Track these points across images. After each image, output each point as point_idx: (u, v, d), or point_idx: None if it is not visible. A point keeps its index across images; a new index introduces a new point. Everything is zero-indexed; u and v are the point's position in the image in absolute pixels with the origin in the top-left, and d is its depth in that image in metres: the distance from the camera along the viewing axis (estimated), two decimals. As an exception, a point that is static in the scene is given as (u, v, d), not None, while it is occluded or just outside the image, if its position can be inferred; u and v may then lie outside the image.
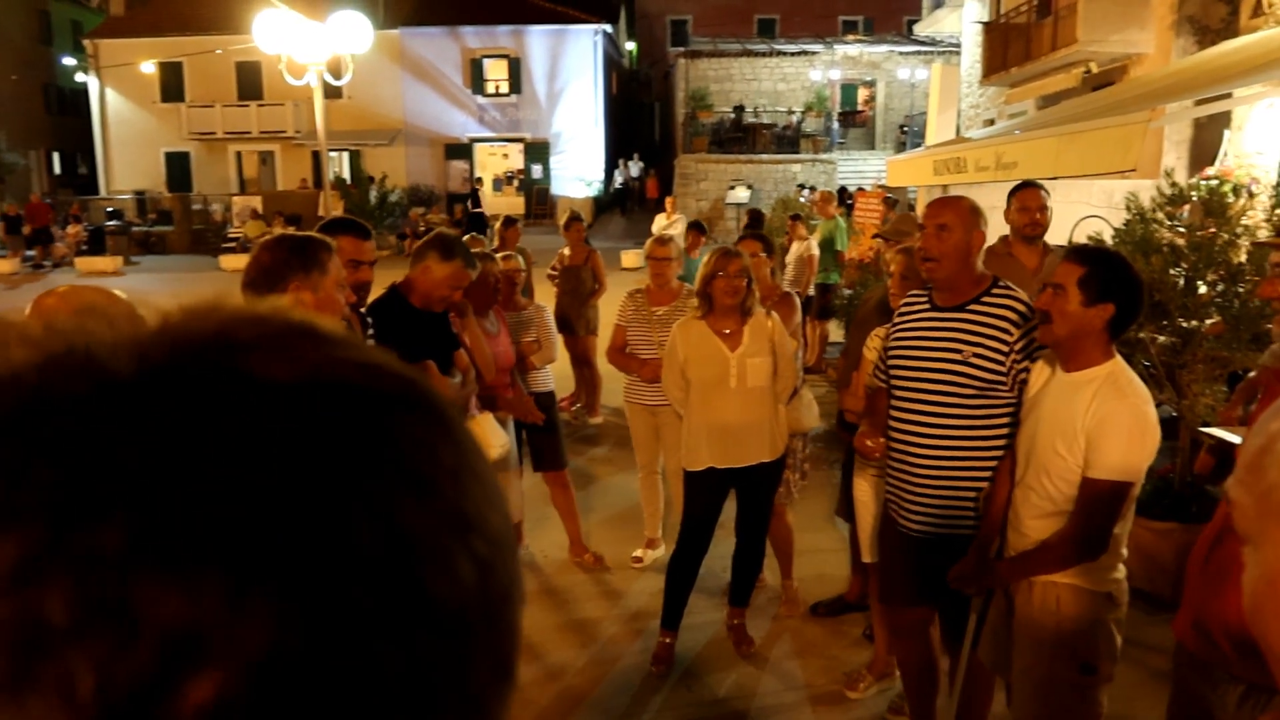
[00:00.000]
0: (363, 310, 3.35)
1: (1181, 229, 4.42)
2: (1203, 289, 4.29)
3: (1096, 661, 2.66)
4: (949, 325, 3.06)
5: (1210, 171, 9.48)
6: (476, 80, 31.28)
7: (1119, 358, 2.66)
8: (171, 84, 30.94)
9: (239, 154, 32.09)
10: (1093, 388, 2.59)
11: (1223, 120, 11.21)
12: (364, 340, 0.42)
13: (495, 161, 32.16)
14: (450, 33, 30.84)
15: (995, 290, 3.07)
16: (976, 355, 2.98)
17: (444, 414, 0.40)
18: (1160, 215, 4.57)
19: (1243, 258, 4.26)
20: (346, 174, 29.42)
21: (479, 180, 29.02)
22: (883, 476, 3.42)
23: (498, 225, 8.54)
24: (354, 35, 9.23)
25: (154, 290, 16.06)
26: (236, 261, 21.86)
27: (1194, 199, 4.64)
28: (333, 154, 27.57)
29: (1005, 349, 2.97)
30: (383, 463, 0.36)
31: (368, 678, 0.33)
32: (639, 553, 5.31)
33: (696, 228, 9.72)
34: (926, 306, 3.18)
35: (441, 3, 31.03)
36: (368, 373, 0.38)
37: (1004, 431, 3.00)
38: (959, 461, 3.04)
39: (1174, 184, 4.66)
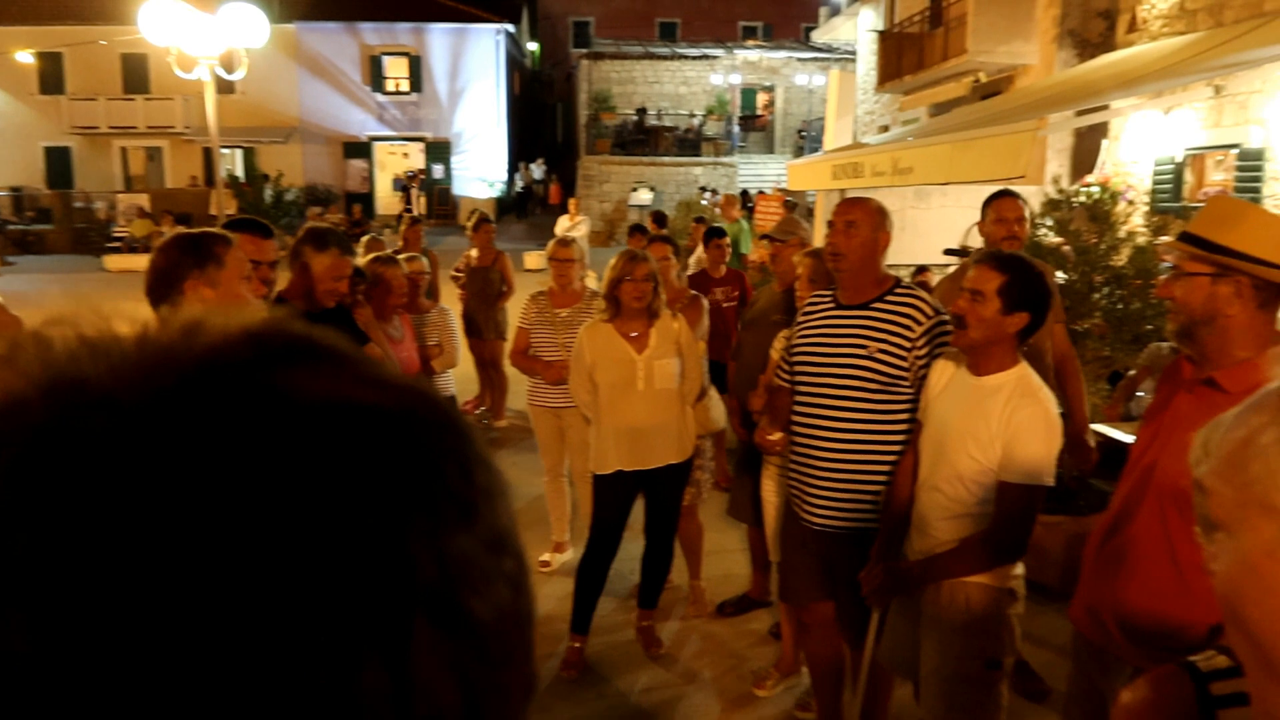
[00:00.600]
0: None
1: (1065, 235, 4.62)
2: (1091, 292, 4.50)
3: (1001, 656, 2.73)
4: (853, 322, 3.14)
5: (1090, 179, 9.94)
6: (376, 78, 30.70)
7: (1024, 362, 2.73)
8: (51, 75, 29.46)
9: (124, 150, 30.74)
10: (1005, 393, 2.64)
11: (1101, 130, 11.76)
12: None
13: (395, 161, 31.59)
14: (349, 29, 30.19)
15: (898, 289, 3.17)
16: (881, 351, 3.06)
17: (470, 432, 0.39)
18: (1049, 221, 4.76)
19: (1124, 261, 4.47)
20: (240, 172, 28.47)
21: (414, 176, 28.34)
22: (785, 474, 3.47)
23: (403, 226, 8.39)
24: (248, 28, 8.94)
25: (32, 292, 15.27)
26: (122, 262, 20.93)
27: (1078, 205, 4.85)
28: (225, 151, 26.65)
29: (908, 345, 3.05)
30: (431, 489, 0.35)
31: (429, 710, 0.32)
32: (546, 557, 5.28)
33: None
34: (831, 305, 3.25)
35: (339, -2, 30.38)
36: (396, 394, 0.37)
37: (904, 427, 3.08)
38: (862, 456, 3.12)
39: (1060, 190, 4.86)
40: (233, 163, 28.90)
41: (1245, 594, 0.63)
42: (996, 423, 2.62)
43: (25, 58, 26.49)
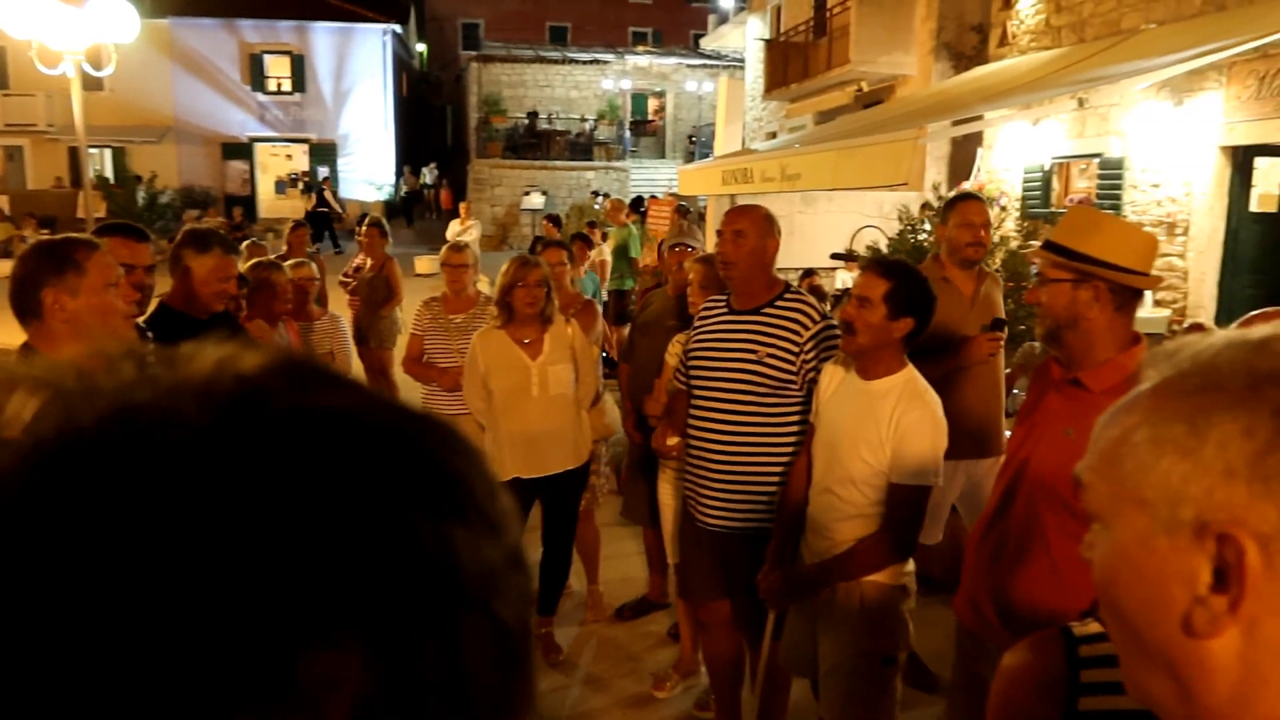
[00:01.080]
0: (141, 324, 3.12)
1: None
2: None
3: (897, 652, 2.83)
4: (745, 327, 3.22)
5: (966, 185, 10.35)
6: (256, 77, 29.72)
7: (910, 365, 2.83)
8: (-104, 68, 27.63)
9: (-19, 148, 29.04)
10: (893, 397, 2.73)
11: (976, 139, 12.27)
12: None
13: (278, 162, 30.64)
14: (226, 25, 29.14)
15: (788, 295, 3.26)
16: (770, 355, 3.15)
17: (475, 448, 0.41)
18: (928, 225, 4.94)
19: (998, 264, 4.67)
20: (110, 173, 27.17)
21: (326, 179, 27.55)
22: (681, 476, 3.52)
23: (286, 230, 8.15)
24: (117, 23, 8.56)
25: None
26: (17, 256, 19.67)
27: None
28: (93, 151, 25.42)
29: (796, 349, 3.14)
30: (467, 503, 0.38)
31: (479, 700, 0.35)
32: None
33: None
34: (725, 310, 3.33)
35: (216, -7, 29.32)
36: (423, 419, 0.40)
37: (795, 429, 3.16)
38: (754, 458, 3.19)
39: (940, 197, 5.06)
40: (101, 163, 27.56)
41: (1119, 580, 0.68)
42: (886, 425, 2.71)
43: None
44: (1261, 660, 0.62)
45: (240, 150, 29.97)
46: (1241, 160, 9.39)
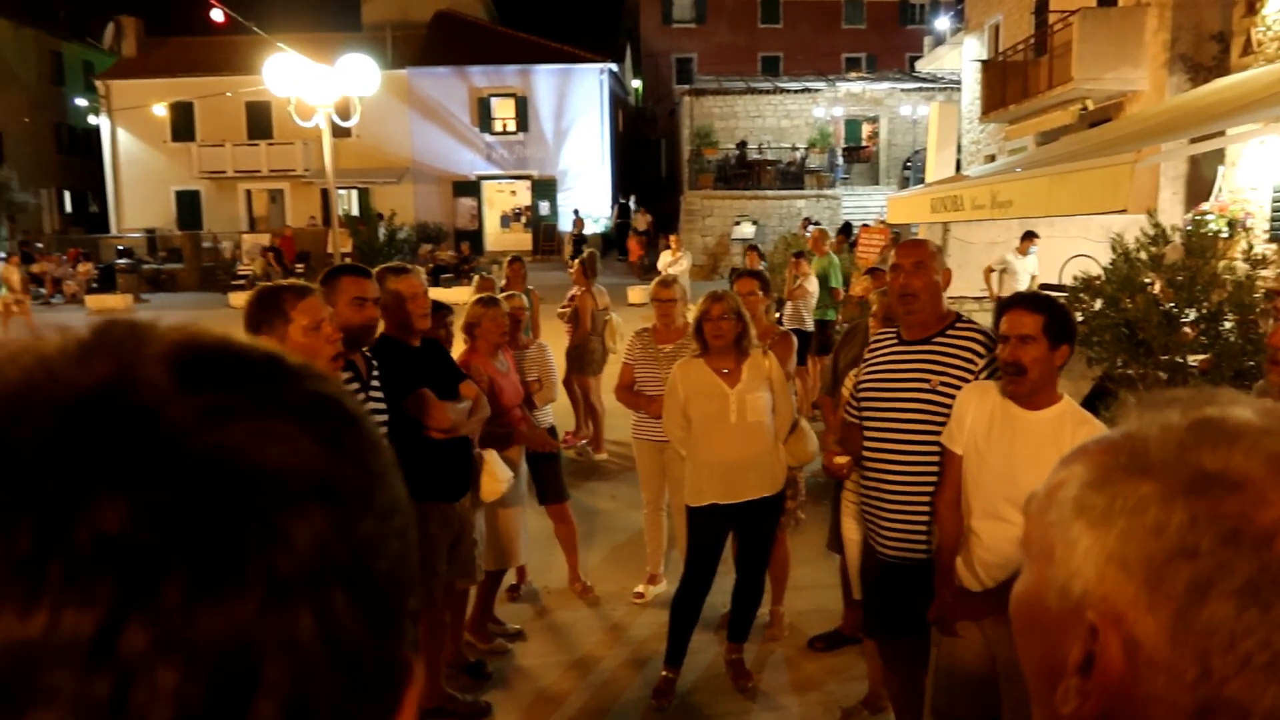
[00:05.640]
0: (367, 352, 3.48)
1: (1159, 270, 4.52)
2: (1185, 328, 4.39)
3: None
4: (916, 357, 3.25)
5: (1205, 206, 9.61)
6: (484, 119, 31.68)
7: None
8: (182, 123, 31.43)
9: (249, 192, 32.49)
10: (1066, 422, 2.76)
11: (1217, 156, 11.36)
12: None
13: (503, 198, 32.49)
14: (458, 72, 31.30)
15: (959, 324, 3.28)
16: (943, 384, 3.15)
17: (360, 419, 0.46)
18: (1143, 255, 4.68)
19: (1224, 296, 4.35)
20: (355, 211, 29.72)
21: (576, 211, 29.58)
22: (860, 509, 3.53)
23: (505, 262, 8.69)
24: (362, 78, 9.44)
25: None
26: (245, 299, 21.96)
27: (1175, 240, 4.75)
28: (341, 192, 27.86)
29: (971, 379, 3.13)
30: (334, 491, 0.42)
31: (345, 646, 0.41)
32: (640, 588, 5.37)
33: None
34: (894, 342, 3.35)
35: (449, 44, 31.55)
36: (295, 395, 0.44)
37: None
38: (929, 488, 3.19)
39: (1156, 224, 4.77)
40: (349, 203, 30.22)
41: (1017, 619, 0.67)
42: (1069, 449, 2.65)
43: (160, 110, 28.27)
44: None
45: (469, 188, 31.99)
46: None
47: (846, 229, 19.27)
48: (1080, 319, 5.73)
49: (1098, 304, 6.06)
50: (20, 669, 0.34)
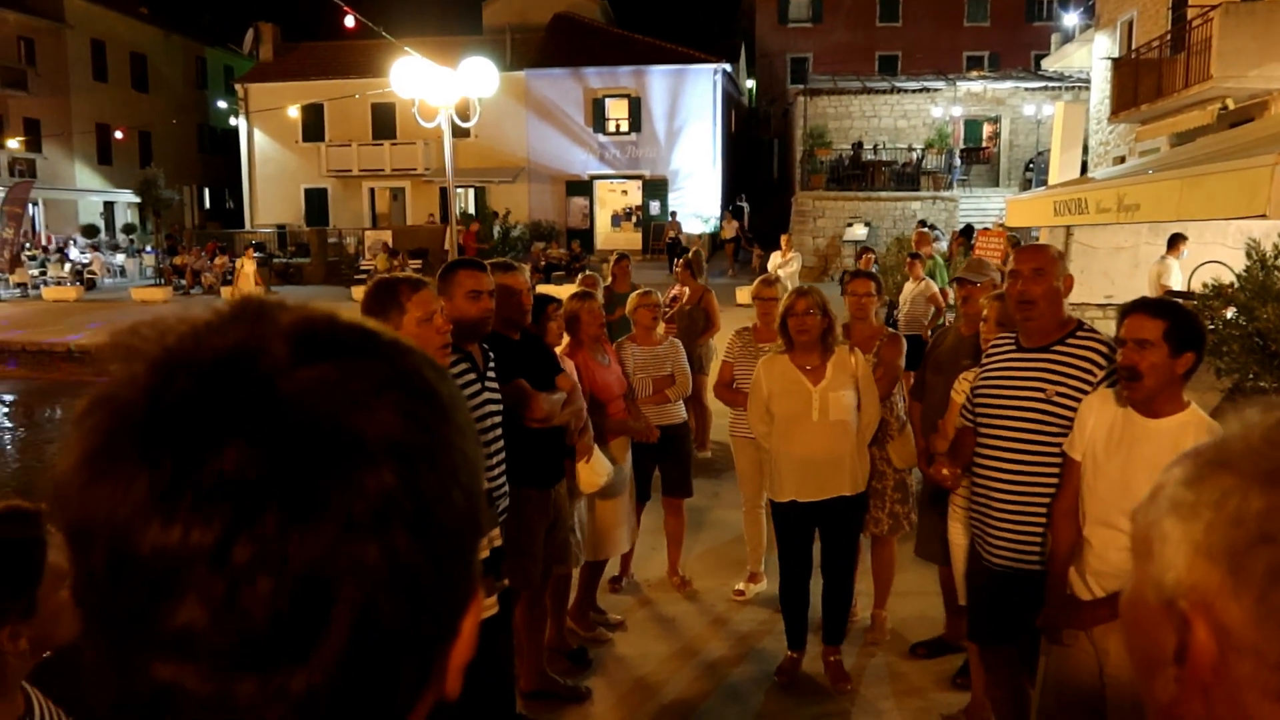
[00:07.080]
0: (483, 344, 3.61)
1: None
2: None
3: None
4: (1034, 365, 3.17)
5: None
6: (598, 119, 32.04)
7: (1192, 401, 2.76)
8: (312, 124, 32.77)
9: (372, 190, 33.66)
10: (1190, 430, 2.65)
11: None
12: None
13: (614, 198, 32.79)
14: (573, 74, 31.72)
15: (1080, 332, 3.17)
16: (1059, 394, 3.07)
17: (435, 386, 0.55)
18: (1280, 262, 4.45)
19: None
20: (472, 209, 30.46)
21: (674, 214, 29.83)
22: (969, 515, 3.48)
23: (612, 259, 8.80)
24: (482, 80, 9.72)
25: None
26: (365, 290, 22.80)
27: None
28: (459, 190, 28.56)
29: (1089, 390, 3.04)
30: (404, 455, 0.51)
31: (409, 576, 0.50)
32: (741, 586, 5.39)
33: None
34: (1013, 348, 3.28)
35: (565, 45, 32.01)
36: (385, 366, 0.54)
37: None
38: (1042, 497, 3.11)
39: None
40: (466, 201, 30.99)
41: (1124, 616, 0.69)
42: None
43: (293, 112, 29.57)
44: None
45: (581, 187, 32.41)
46: None
47: (968, 231, 18.78)
48: (1209, 327, 5.48)
49: (1229, 312, 5.78)
50: (165, 568, 0.46)
